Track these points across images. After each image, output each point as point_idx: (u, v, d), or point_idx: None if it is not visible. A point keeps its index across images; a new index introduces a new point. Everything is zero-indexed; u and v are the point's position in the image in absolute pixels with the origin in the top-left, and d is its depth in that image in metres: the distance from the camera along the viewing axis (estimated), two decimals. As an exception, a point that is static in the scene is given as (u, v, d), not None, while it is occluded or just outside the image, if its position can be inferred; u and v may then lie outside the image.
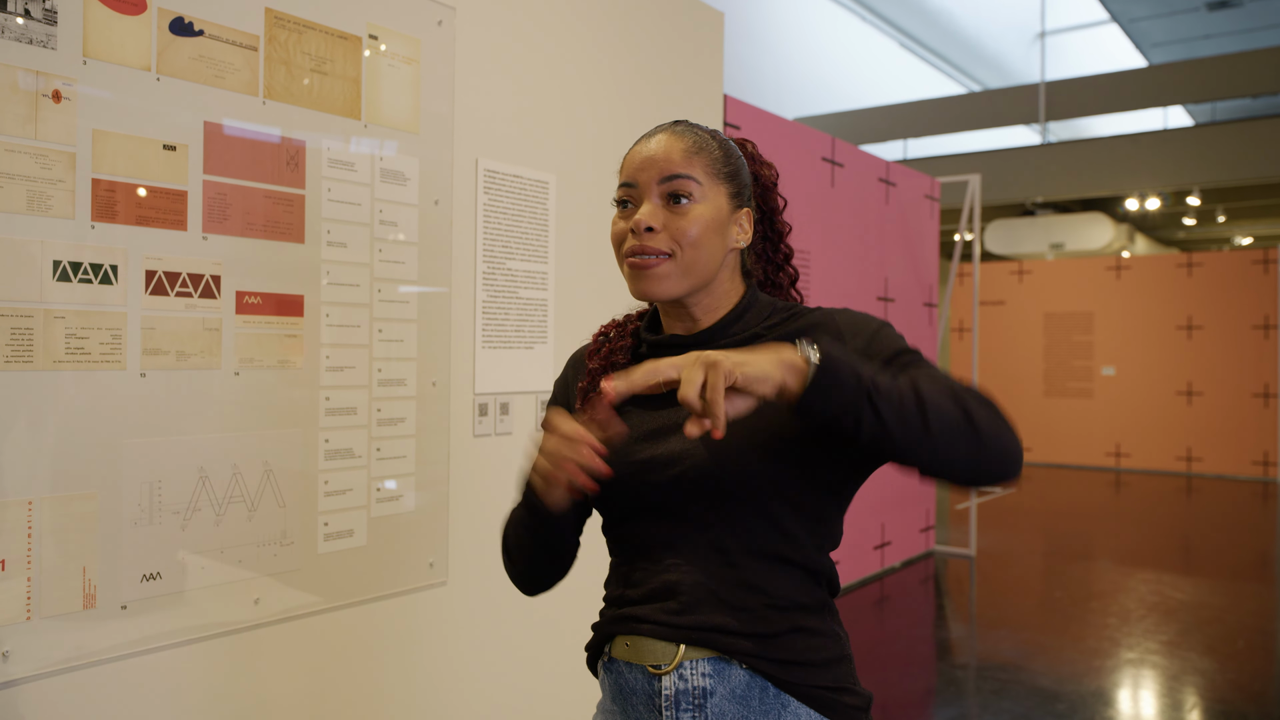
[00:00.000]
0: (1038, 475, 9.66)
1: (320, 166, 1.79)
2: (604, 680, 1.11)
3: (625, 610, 1.08)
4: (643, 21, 2.60)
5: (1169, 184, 9.79)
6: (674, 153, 1.08)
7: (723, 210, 1.10)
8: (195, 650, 1.61)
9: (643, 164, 1.09)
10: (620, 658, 1.08)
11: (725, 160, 1.12)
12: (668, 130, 1.12)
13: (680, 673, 1.02)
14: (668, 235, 1.06)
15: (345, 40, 1.83)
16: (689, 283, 1.08)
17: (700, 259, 1.08)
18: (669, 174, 1.07)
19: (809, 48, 11.38)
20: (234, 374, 1.65)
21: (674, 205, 1.08)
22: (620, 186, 1.12)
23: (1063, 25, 12.85)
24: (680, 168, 1.08)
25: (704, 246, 1.08)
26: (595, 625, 1.13)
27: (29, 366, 1.41)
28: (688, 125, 1.13)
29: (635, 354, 1.18)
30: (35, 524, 1.41)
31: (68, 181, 1.44)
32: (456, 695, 2.08)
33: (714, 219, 1.09)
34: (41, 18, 1.42)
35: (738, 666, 1.02)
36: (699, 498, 1.04)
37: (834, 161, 4.73)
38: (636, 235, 1.07)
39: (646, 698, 1.04)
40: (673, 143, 1.09)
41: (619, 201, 1.12)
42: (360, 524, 1.87)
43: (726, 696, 1.01)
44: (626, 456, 1.07)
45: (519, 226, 2.22)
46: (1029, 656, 3.98)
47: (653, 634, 1.04)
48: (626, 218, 1.10)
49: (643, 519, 1.08)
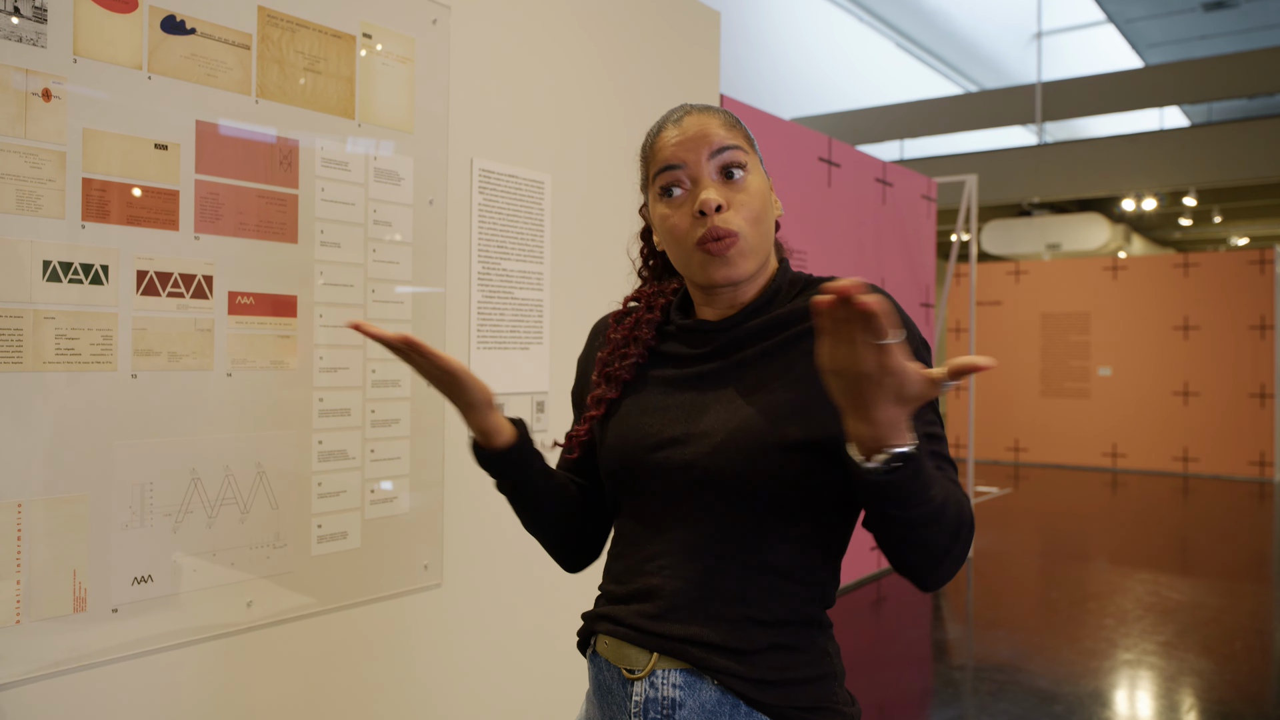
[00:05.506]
0: (1034, 476, 9.66)
1: (314, 166, 1.78)
2: (590, 669, 1.10)
3: (608, 608, 1.07)
4: (639, 21, 2.59)
5: (1165, 184, 9.80)
6: (716, 126, 1.04)
7: (765, 180, 1.07)
8: (187, 654, 1.60)
9: (686, 143, 1.03)
10: (601, 654, 1.07)
11: (748, 132, 1.09)
12: (692, 110, 1.06)
13: (652, 680, 0.99)
14: (734, 214, 1.01)
15: (339, 39, 1.82)
16: (757, 260, 1.03)
17: (764, 232, 1.04)
18: (720, 145, 1.02)
19: (805, 48, 11.39)
20: (226, 375, 1.64)
21: (730, 181, 1.02)
22: (662, 172, 1.04)
23: (1059, 26, 12.86)
24: (728, 139, 1.03)
25: (766, 219, 1.04)
26: (585, 615, 1.11)
27: (18, 367, 1.39)
28: (704, 105, 1.09)
29: (662, 331, 1.13)
30: (25, 526, 1.40)
31: (58, 181, 1.43)
32: (451, 698, 2.07)
33: (765, 189, 1.05)
34: (31, 15, 1.40)
35: (709, 682, 0.98)
36: (696, 490, 1.00)
37: (831, 162, 4.73)
38: (705, 218, 1.00)
39: (620, 700, 1.03)
40: (708, 118, 1.05)
41: (664, 189, 1.05)
42: (354, 526, 1.86)
43: (695, 710, 0.98)
44: (634, 427, 1.05)
45: (514, 226, 2.20)
46: (1026, 657, 3.97)
47: (627, 638, 1.02)
48: (678, 205, 1.03)
49: (640, 505, 1.06)
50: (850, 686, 1.09)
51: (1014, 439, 10.48)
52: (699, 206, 1.00)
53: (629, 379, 1.11)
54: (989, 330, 10.47)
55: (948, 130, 11.19)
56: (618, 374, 1.11)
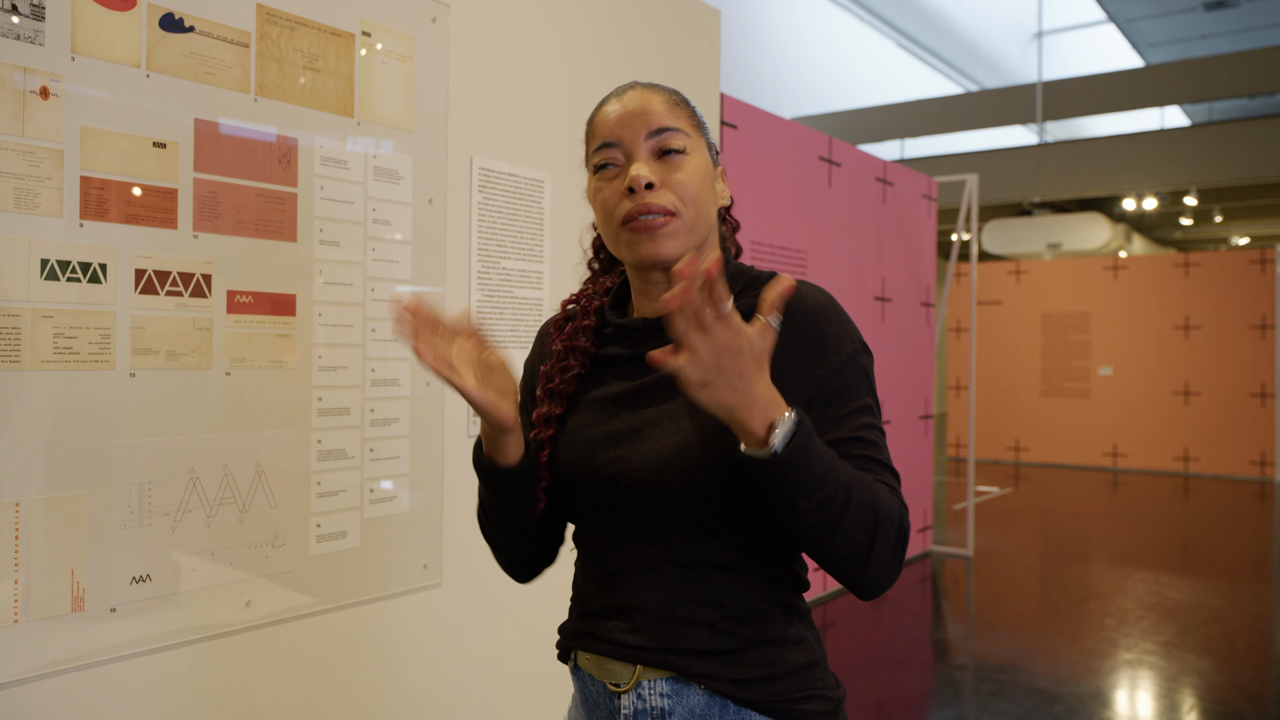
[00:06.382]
0: (1035, 475, 9.66)
1: (313, 164, 1.78)
2: (574, 680, 1.09)
3: (583, 624, 1.05)
4: (639, 19, 2.58)
5: (1166, 184, 9.80)
6: (657, 104, 1.01)
7: (709, 164, 1.04)
8: (186, 653, 1.60)
9: (623, 119, 1.01)
10: (584, 668, 1.05)
11: (696, 114, 1.06)
12: (636, 86, 1.04)
13: (639, 692, 0.99)
14: (668, 192, 0.99)
15: (338, 37, 1.82)
16: (691, 242, 1.00)
17: (701, 215, 1.01)
18: (657, 127, 1.00)
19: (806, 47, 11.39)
20: (225, 374, 1.64)
21: (667, 159, 1.00)
22: (598, 150, 1.03)
23: (1060, 25, 12.86)
24: (667, 120, 1.00)
25: (704, 202, 1.01)
26: (561, 629, 1.09)
27: (16, 366, 1.39)
28: (651, 83, 1.06)
29: (600, 335, 1.11)
30: (23, 525, 1.40)
31: (56, 179, 1.43)
32: (451, 698, 2.07)
33: (706, 172, 1.03)
34: (29, 13, 1.40)
35: (696, 687, 0.97)
36: (649, 506, 0.98)
37: (831, 161, 4.72)
38: (635, 195, 0.98)
39: (608, 713, 1.02)
40: (650, 96, 1.02)
41: (598, 166, 1.03)
42: (353, 525, 1.85)
43: (685, 716, 0.97)
44: (580, 448, 1.03)
45: (514, 225, 2.20)
46: (1027, 657, 3.97)
47: (609, 654, 1.01)
48: (609, 180, 1.02)
49: (598, 526, 1.04)
50: (851, 686, 1.09)
51: (1014, 439, 10.48)
52: (628, 183, 0.99)
53: (572, 391, 1.09)
54: (989, 330, 10.47)
55: (948, 130, 11.19)
56: (560, 389, 1.08)
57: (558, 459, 1.06)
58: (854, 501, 0.87)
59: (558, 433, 1.07)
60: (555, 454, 1.06)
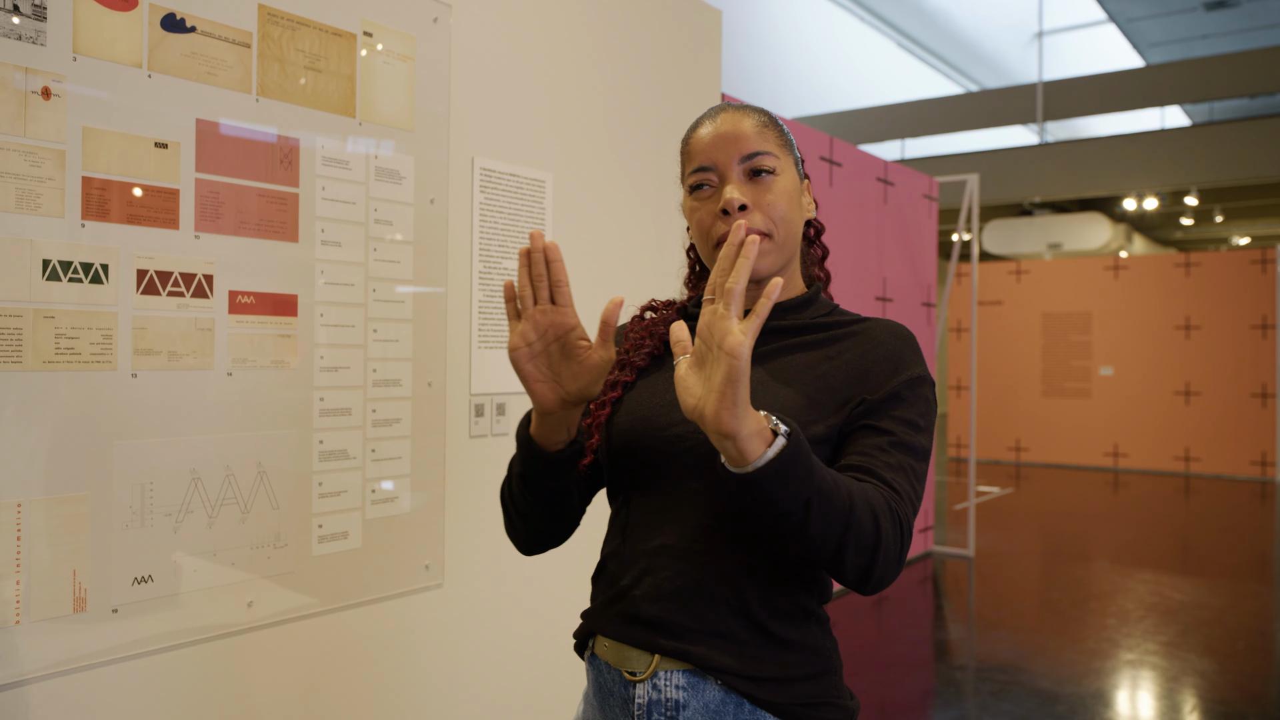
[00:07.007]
0: (1036, 475, 9.65)
1: (314, 165, 1.77)
2: (588, 671, 1.10)
3: (606, 610, 1.06)
4: (640, 19, 2.58)
5: (1166, 184, 9.79)
6: (748, 128, 1.07)
7: (796, 182, 1.10)
8: (188, 654, 1.59)
9: (717, 143, 1.06)
10: (601, 656, 1.06)
11: (785, 133, 1.11)
12: (729, 109, 1.10)
13: (654, 682, 1.00)
14: (759, 214, 1.04)
15: (340, 37, 1.82)
16: (781, 259, 1.07)
17: (790, 233, 1.08)
18: (749, 151, 1.06)
19: (807, 47, 11.38)
20: (227, 374, 1.64)
21: (757, 180, 1.06)
22: (694, 172, 1.09)
23: (1060, 25, 12.86)
24: (757, 144, 1.06)
25: (793, 220, 1.08)
26: (584, 614, 1.11)
27: (18, 367, 1.39)
28: (741, 104, 1.12)
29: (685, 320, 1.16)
30: (25, 526, 1.39)
31: (57, 179, 1.43)
32: (452, 698, 2.07)
33: (794, 191, 1.08)
34: (31, 13, 1.40)
35: (712, 682, 0.99)
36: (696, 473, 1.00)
37: (832, 161, 4.72)
38: (729, 216, 1.04)
39: (622, 702, 1.03)
40: (742, 119, 1.08)
41: (694, 187, 1.09)
42: (355, 526, 1.85)
43: (700, 710, 0.98)
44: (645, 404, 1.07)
45: (516, 226, 2.20)
46: (1028, 658, 3.97)
47: (628, 640, 1.02)
48: (704, 200, 1.08)
49: (645, 489, 1.05)
50: (852, 686, 1.10)
51: (1015, 439, 10.48)
52: (722, 205, 1.04)
53: (644, 366, 1.13)
54: (990, 330, 10.46)
55: (949, 130, 11.18)
56: (631, 360, 1.13)
57: (617, 420, 1.09)
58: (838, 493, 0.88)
59: (621, 397, 1.11)
60: (615, 415, 1.10)
